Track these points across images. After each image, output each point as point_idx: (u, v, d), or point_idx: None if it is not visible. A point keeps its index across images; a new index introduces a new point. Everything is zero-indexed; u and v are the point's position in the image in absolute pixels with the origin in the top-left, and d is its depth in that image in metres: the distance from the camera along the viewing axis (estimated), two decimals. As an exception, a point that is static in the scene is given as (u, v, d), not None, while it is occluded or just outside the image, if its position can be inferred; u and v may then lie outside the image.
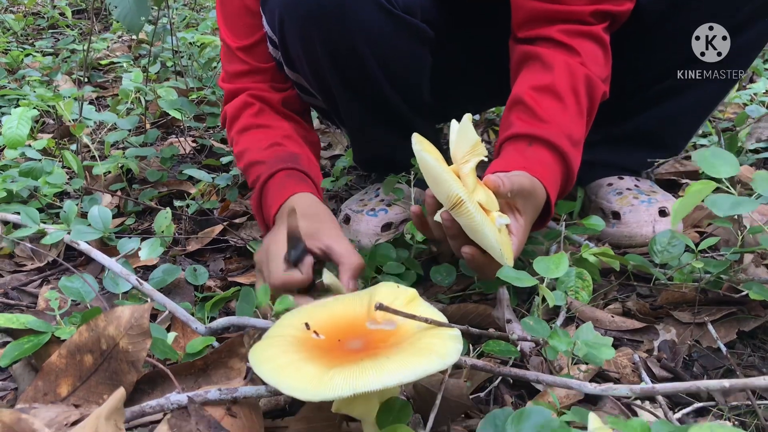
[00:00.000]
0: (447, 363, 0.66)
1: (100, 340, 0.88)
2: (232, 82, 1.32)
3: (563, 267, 0.86)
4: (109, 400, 0.72)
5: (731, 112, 1.95)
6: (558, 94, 1.08)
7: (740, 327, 1.01)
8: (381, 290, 0.81)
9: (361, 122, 1.32)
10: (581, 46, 1.12)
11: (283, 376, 0.65)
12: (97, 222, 1.15)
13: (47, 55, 2.85)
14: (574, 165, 1.09)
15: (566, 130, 1.08)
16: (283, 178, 1.16)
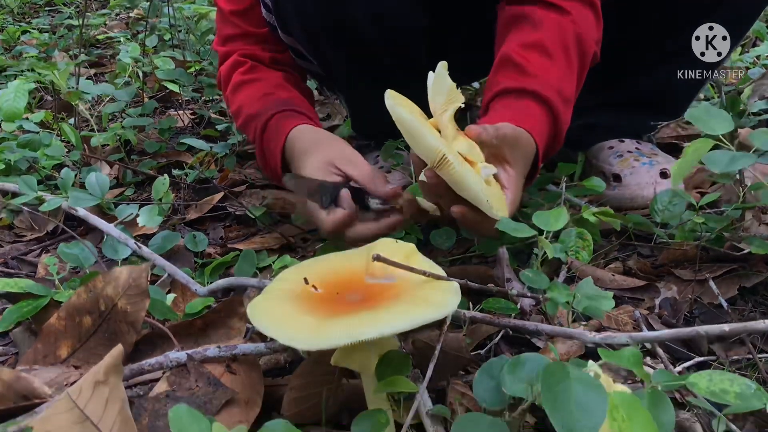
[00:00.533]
0: (444, 312, 0.66)
1: (99, 301, 0.88)
2: (225, 45, 1.33)
3: (563, 220, 0.85)
4: (107, 357, 0.72)
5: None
6: (547, 51, 1.05)
7: (741, 283, 1.00)
8: (380, 246, 0.80)
9: (356, 86, 1.31)
10: (572, 6, 1.10)
11: (281, 327, 0.65)
12: (95, 188, 1.15)
13: (44, 32, 2.84)
14: (564, 121, 1.05)
15: (556, 85, 1.04)
16: (277, 120, 1.17)
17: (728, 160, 0.82)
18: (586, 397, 0.52)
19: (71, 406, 0.67)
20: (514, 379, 0.62)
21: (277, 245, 1.22)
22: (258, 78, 1.27)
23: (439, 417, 0.72)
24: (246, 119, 1.23)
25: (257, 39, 1.30)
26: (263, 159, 1.20)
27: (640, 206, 1.27)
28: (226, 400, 0.74)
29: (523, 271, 0.82)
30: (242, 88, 1.27)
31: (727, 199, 1.24)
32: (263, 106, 1.20)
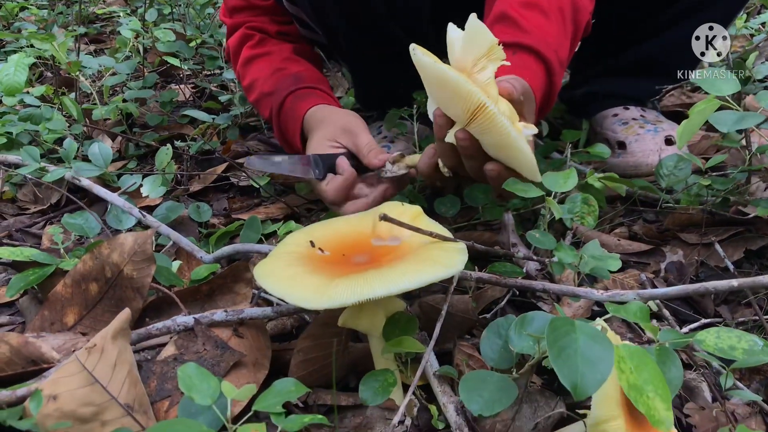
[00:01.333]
0: (452, 271, 0.66)
1: (105, 268, 0.88)
2: (232, 17, 1.33)
3: (572, 181, 0.85)
4: (115, 320, 0.72)
5: (738, 45, 1.91)
6: (544, 11, 1.03)
7: (747, 246, 1.00)
8: (386, 208, 0.80)
9: (360, 55, 1.30)
10: None
11: (288, 287, 0.65)
12: (97, 159, 1.14)
13: (42, 9, 2.81)
14: (557, 83, 1.03)
15: (553, 44, 1.02)
16: (292, 102, 1.18)
17: (735, 120, 0.81)
18: (591, 350, 0.52)
19: (80, 369, 0.68)
20: (520, 337, 0.62)
21: (281, 215, 1.22)
22: (268, 51, 1.28)
23: (446, 377, 0.72)
24: (259, 96, 1.24)
25: (264, 11, 1.31)
26: (282, 139, 1.23)
27: (645, 173, 1.27)
28: (233, 362, 0.75)
29: (529, 232, 0.82)
30: (253, 63, 1.28)
31: (732, 164, 1.23)
32: (276, 84, 1.21)
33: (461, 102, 0.77)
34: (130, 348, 0.72)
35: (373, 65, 1.33)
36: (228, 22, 1.34)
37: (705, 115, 0.85)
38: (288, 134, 1.20)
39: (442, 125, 0.86)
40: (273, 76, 1.24)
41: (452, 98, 0.79)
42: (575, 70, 1.54)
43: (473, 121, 0.79)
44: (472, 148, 0.84)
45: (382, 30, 1.21)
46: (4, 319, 0.97)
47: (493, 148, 0.82)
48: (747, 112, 0.83)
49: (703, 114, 0.86)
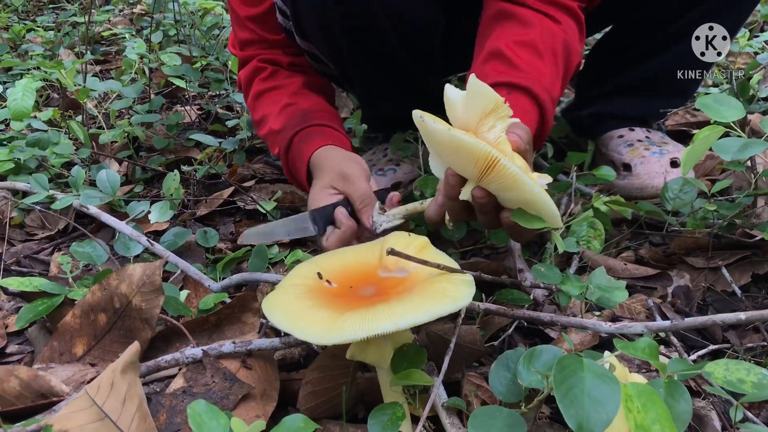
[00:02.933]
0: (459, 305, 0.66)
1: (113, 299, 0.89)
2: (243, 50, 1.32)
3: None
4: (124, 354, 0.73)
5: (742, 62, 1.92)
6: (538, 51, 1.03)
7: (755, 270, 1.00)
8: (392, 239, 0.80)
9: (372, 85, 1.31)
10: (559, 15, 1.09)
11: (296, 322, 0.65)
12: (105, 186, 1.15)
13: (49, 30, 2.84)
14: (550, 120, 1.03)
15: (546, 84, 1.01)
16: (298, 143, 1.16)
17: (739, 147, 0.81)
18: (598, 390, 0.52)
19: (90, 404, 0.68)
20: (529, 371, 0.62)
21: (287, 239, 1.22)
22: (278, 85, 1.27)
23: (454, 409, 0.72)
24: (268, 133, 1.24)
25: (274, 44, 1.29)
26: (291, 178, 1.22)
27: (651, 196, 1.27)
28: (242, 395, 0.75)
29: (534, 266, 0.82)
30: (263, 97, 1.27)
31: (738, 185, 1.23)
32: (285, 121, 1.20)
33: (477, 163, 0.76)
34: (139, 382, 0.73)
35: (381, 93, 1.34)
36: (239, 55, 1.33)
37: (709, 142, 0.86)
38: (296, 175, 1.18)
39: (455, 185, 0.84)
40: (282, 112, 1.23)
41: (467, 160, 0.77)
42: (580, 90, 1.54)
43: (490, 179, 0.78)
44: (489, 205, 0.82)
45: (392, 60, 1.22)
46: (14, 348, 0.98)
47: (512, 203, 0.81)
48: (750, 139, 0.83)
49: (708, 141, 0.86)
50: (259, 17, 1.26)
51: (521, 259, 1.04)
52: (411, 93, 1.31)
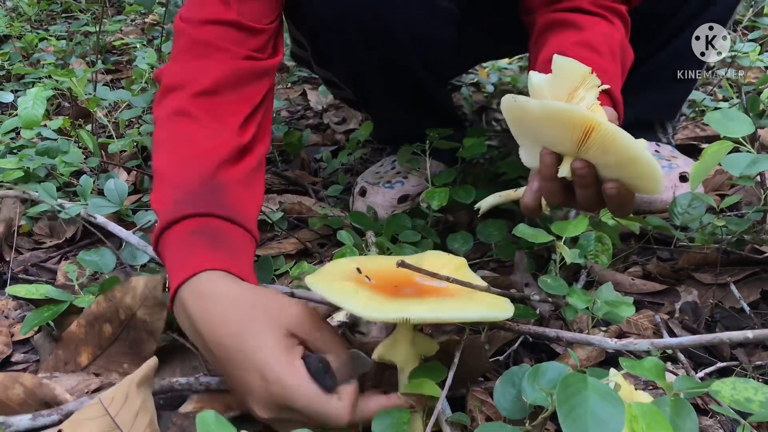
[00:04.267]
0: (508, 314, 0.69)
1: (118, 311, 0.89)
2: (199, 27, 0.97)
3: (581, 227, 0.85)
4: (142, 368, 0.73)
5: (752, 76, 1.91)
6: (597, 50, 1.03)
7: (764, 287, 0.99)
8: (430, 257, 0.80)
9: (389, 105, 1.32)
10: (611, 16, 1.10)
11: (341, 296, 0.66)
12: (113, 195, 1.16)
13: (61, 39, 2.86)
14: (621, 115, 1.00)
15: (612, 78, 1.01)
16: (186, 237, 0.81)
17: (748, 163, 0.80)
18: (602, 410, 0.51)
19: (102, 413, 0.68)
20: (534, 388, 0.62)
21: (294, 250, 1.22)
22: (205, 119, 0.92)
23: (458, 424, 0.71)
24: (159, 174, 0.90)
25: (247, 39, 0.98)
26: (160, 256, 0.86)
27: (659, 210, 1.26)
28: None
29: (541, 277, 0.81)
30: (178, 122, 0.92)
31: (748, 200, 1.23)
32: (184, 181, 0.86)
33: (576, 130, 0.76)
34: (152, 398, 0.73)
35: (397, 112, 1.35)
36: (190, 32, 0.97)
37: (718, 158, 0.85)
38: (168, 267, 0.81)
39: (551, 164, 0.83)
40: (185, 164, 0.88)
41: (565, 130, 0.77)
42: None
43: (589, 144, 0.77)
44: (590, 176, 0.81)
45: (411, 80, 1.23)
46: (19, 356, 0.98)
47: (613, 168, 0.80)
48: (760, 154, 0.82)
49: (716, 156, 0.85)
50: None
51: (527, 273, 1.04)
52: (425, 108, 1.31)
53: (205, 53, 0.95)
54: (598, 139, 0.75)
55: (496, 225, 1.15)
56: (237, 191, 0.88)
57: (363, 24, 1.09)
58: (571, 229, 0.84)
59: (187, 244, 0.80)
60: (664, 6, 1.29)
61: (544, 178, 0.84)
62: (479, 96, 2.02)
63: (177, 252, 0.80)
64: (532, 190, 0.87)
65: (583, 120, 0.74)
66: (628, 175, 0.79)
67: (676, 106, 1.45)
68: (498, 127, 1.82)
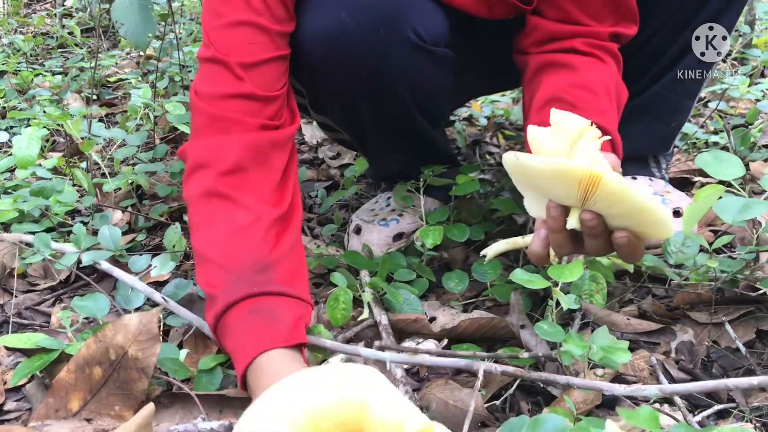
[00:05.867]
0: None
1: (109, 351, 0.89)
2: (213, 104, 1.00)
3: (577, 272, 0.85)
4: (139, 414, 0.73)
5: (743, 107, 1.93)
6: (593, 90, 1.04)
7: (759, 326, 0.99)
8: None
9: (386, 147, 1.32)
10: (604, 56, 1.11)
11: None
12: (107, 242, 1.16)
13: (57, 74, 2.87)
14: (620, 155, 1.02)
15: (609, 118, 1.03)
16: (246, 317, 0.89)
17: (740, 208, 0.81)
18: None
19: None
20: (532, 441, 0.61)
21: (289, 291, 1.22)
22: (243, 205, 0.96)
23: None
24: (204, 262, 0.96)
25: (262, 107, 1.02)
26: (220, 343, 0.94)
27: (654, 245, 1.26)
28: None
29: (537, 324, 0.81)
30: (212, 203, 0.97)
31: (742, 236, 1.23)
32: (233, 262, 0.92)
33: (581, 185, 0.77)
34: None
35: (394, 153, 1.35)
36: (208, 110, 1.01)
37: (710, 202, 0.85)
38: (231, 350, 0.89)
39: (558, 216, 0.84)
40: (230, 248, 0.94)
41: (570, 185, 0.78)
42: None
43: (596, 198, 0.78)
44: (599, 227, 0.82)
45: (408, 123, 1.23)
46: (12, 405, 0.97)
47: (621, 219, 0.81)
48: (751, 199, 0.83)
49: (708, 200, 0.86)
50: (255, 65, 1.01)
51: (524, 315, 1.04)
52: (420, 148, 1.32)
53: (224, 128, 0.99)
54: (604, 192, 0.76)
55: (491, 264, 1.15)
56: (285, 265, 0.95)
57: (360, 73, 1.10)
58: (567, 274, 0.84)
59: (248, 323, 0.88)
60: (656, 40, 1.31)
61: (552, 230, 0.85)
62: (473, 129, 2.04)
63: (245, 328, 0.88)
64: (540, 238, 0.87)
65: (587, 176, 0.75)
66: (637, 224, 0.80)
67: (669, 140, 1.46)
68: (492, 161, 1.83)
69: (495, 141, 1.95)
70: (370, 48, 1.06)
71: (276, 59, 1.03)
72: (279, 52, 1.04)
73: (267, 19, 1.02)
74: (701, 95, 1.70)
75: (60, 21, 3.78)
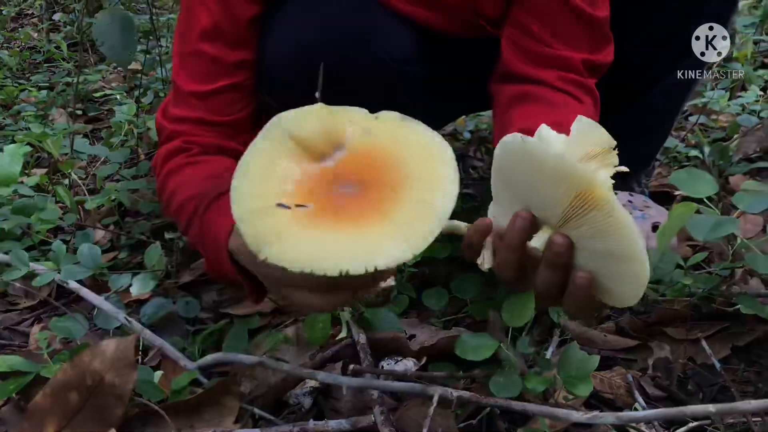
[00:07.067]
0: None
1: (85, 376, 0.88)
2: (174, 124, 1.11)
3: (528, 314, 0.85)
4: None
5: (724, 120, 1.94)
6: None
7: (734, 342, 1.00)
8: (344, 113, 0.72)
9: None
10: (580, 94, 1.11)
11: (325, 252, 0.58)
12: (87, 260, 1.15)
13: (43, 89, 2.86)
14: None
15: None
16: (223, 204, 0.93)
17: (711, 226, 0.82)
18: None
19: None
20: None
21: (269, 309, 1.22)
22: (204, 161, 1.07)
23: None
24: (183, 201, 1.02)
25: (214, 125, 1.10)
26: (200, 235, 0.98)
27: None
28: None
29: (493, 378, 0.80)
30: (182, 170, 1.06)
31: (720, 251, 1.24)
32: (209, 186, 0.99)
33: (576, 198, 0.64)
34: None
35: None
36: (168, 127, 1.12)
37: (683, 220, 0.86)
38: (216, 224, 0.93)
39: (523, 229, 0.70)
40: (207, 181, 1.02)
41: (561, 194, 0.65)
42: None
43: (583, 220, 0.65)
44: (566, 257, 0.68)
45: None
46: (-13, 430, 0.96)
47: (596, 258, 0.67)
48: (723, 217, 0.84)
49: (682, 219, 0.87)
50: (208, 95, 1.09)
51: (502, 334, 1.04)
52: None
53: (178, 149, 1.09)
54: (601, 218, 0.63)
55: (471, 280, 1.16)
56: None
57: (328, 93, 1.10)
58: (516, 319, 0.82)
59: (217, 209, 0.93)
60: (639, 58, 1.32)
61: (508, 245, 0.71)
62: (457, 143, 2.04)
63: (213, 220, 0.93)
64: (487, 249, 0.74)
65: (592, 189, 0.62)
66: (609, 272, 0.67)
67: (650, 156, 1.47)
68: (475, 175, 1.84)
69: (479, 155, 1.96)
70: (338, 67, 1.07)
71: (229, 87, 1.09)
72: (233, 79, 1.09)
73: (220, 45, 1.07)
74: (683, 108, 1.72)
75: (47, 35, 3.79)
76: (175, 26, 1.14)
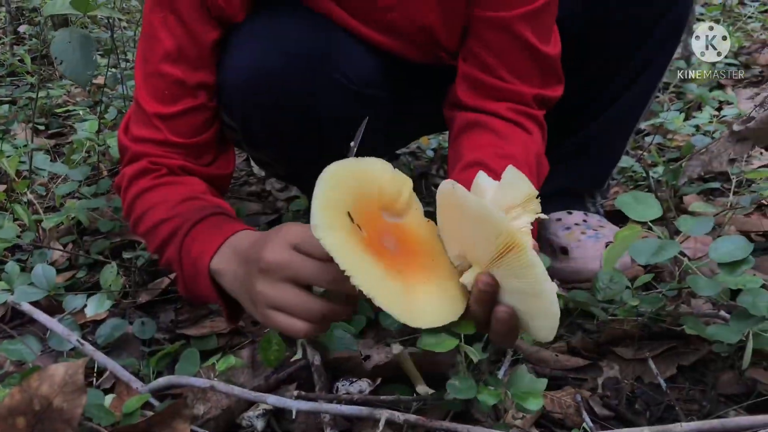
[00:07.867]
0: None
1: (33, 401, 0.87)
2: (137, 144, 1.12)
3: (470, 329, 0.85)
4: None
5: (680, 140, 1.99)
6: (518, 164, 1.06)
7: (680, 361, 1.02)
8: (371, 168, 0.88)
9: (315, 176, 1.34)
10: (529, 124, 1.14)
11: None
12: (41, 281, 1.15)
13: (5, 104, 2.83)
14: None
15: None
16: (217, 221, 1.01)
17: (654, 251, 0.84)
18: None
19: None
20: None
21: (227, 329, 1.22)
22: (176, 182, 1.09)
23: None
24: (157, 222, 1.04)
25: (179, 151, 1.12)
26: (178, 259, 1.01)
27: (587, 280, 1.29)
28: None
29: (449, 382, 0.81)
30: (154, 190, 1.08)
31: (669, 271, 1.26)
32: (188, 210, 1.03)
33: (495, 243, 0.73)
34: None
35: None
36: (132, 147, 1.12)
37: (628, 243, 0.89)
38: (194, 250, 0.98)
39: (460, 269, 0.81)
40: (183, 204, 1.04)
41: (484, 238, 0.74)
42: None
43: (503, 261, 0.74)
44: (491, 294, 0.77)
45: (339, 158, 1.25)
46: (-66, 454, 0.95)
47: (515, 295, 0.77)
48: (665, 241, 0.86)
49: (626, 241, 0.89)
50: (172, 117, 1.10)
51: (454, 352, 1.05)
52: None
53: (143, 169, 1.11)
54: (515, 260, 0.73)
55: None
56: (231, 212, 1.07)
57: (289, 115, 1.11)
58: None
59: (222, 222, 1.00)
60: (595, 82, 1.35)
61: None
62: (420, 162, 2.06)
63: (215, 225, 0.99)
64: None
65: (510, 237, 0.72)
66: (526, 309, 0.77)
67: (605, 176, 1.50)
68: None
69: (441, 173, 1.98)
70: (298, 89, 1.08)
71: (192, 109, 1.11)
72: (196, 101, 1.11)
73: (183, 67, 1.08)
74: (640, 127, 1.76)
75: (10, 48, 3.74)
76: (137, 48, 1.15)
